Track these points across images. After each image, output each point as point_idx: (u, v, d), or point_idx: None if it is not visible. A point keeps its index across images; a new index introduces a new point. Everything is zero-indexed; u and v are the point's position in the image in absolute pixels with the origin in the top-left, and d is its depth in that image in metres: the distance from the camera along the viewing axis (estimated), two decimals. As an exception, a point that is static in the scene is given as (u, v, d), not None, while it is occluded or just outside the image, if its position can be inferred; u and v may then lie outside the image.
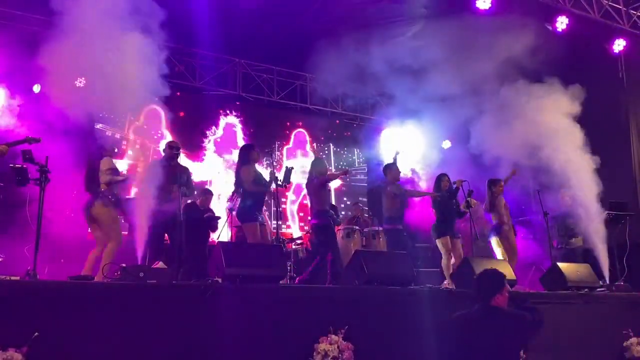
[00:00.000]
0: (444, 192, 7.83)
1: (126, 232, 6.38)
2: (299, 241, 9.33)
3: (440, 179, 7.94)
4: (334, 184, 11.70)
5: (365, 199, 12.30)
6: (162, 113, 10.58)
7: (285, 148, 12.11)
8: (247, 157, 6.90)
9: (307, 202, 8.07)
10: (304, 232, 9.77)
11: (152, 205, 6.18)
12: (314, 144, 12.45)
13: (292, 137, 12.30)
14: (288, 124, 12.24)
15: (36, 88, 8.82)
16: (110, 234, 5.83)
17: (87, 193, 6.04)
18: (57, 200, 6.00)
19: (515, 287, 6.74)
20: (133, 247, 5.53)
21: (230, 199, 7.56)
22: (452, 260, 7.58)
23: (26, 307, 3.83)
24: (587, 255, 8.06)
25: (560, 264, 7.11)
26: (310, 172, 7.41)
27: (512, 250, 7.93)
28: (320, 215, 7.17)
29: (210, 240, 8.38)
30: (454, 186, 7.78)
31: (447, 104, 9.25)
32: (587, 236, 7.93)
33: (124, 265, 4.81)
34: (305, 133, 12.41)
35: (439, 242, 7.71)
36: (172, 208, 6.29)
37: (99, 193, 5.90)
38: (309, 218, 7.81)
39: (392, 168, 7.93)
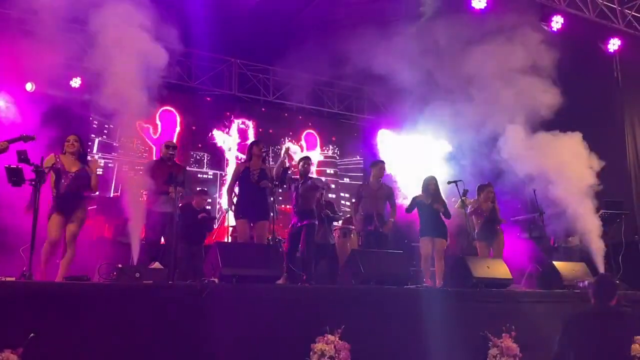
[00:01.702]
0: (431, 194, 7.75)
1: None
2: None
3: (427, 181, 7.82)
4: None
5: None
6: (176, 113, 10.67)
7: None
8: (248, 153, 6.94)
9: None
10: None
11: (148, 205, 6.18)
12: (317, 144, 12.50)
13: (303, 137, 12.35)
14: (286, 124, 12.24)
15: (29, 86, 8.79)
16: None
17: None
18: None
19: (512, 286, 6.77)
20: (129, 247, 5.52)
21: None
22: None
23: (22, 308, 3.82)
24: (583, 254, 8.09)
25: (557, 263, 7.13)
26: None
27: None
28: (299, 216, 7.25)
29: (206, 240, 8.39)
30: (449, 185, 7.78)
31: (444, 105, 9.26)
32: (583, 235, 7.95)
33: (120, 265, 4.81)
34: (314, 133, 12.46)
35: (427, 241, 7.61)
36: (168, 208, 6.28)
37: None
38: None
39: (377, 164, 7.90)
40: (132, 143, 9.03)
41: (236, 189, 6.91)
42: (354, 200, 8.63)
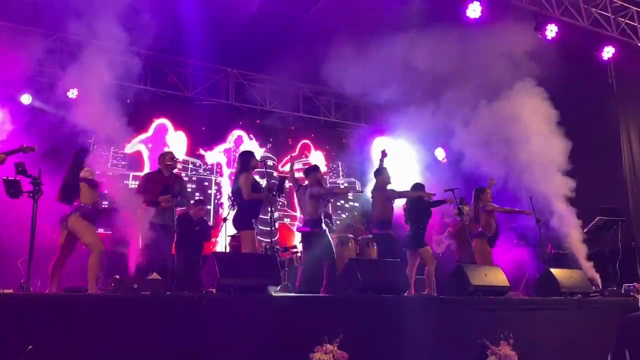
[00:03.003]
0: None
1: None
2: (293, 250, 9.33)
3: (417, 189, 7.88)
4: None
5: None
6: (170, 125, 10.70)
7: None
8: (247, 164, 6.80)
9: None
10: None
11: (146, 215, 6.19)
12: (306, 152, 12.52)
13: (298, 147, 12.37)
14: (284, 132, 12.26)
15: (25, 99, 8.80)
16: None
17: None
18: (50, 212, 5.97)
19: (509, 294, 6.78)
20: (126, 258, 5.53)
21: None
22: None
23: (20, 320, 3.82)
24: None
25: (554, 270, 7.13)
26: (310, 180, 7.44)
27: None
28: (311, 223, 7.17)
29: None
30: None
31: (440, 112, 9.31)
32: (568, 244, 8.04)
33: (117, 276, 4.81)
34: (309, 142, 12.49)
35: (422, 251, 7.72)
36: (165, 219, 6.29)
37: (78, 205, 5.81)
38: (299, 224, 7.81)
39: (382, 172, 7.95)
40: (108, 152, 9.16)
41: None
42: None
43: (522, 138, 8.19)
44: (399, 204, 8.29)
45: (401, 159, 11.42)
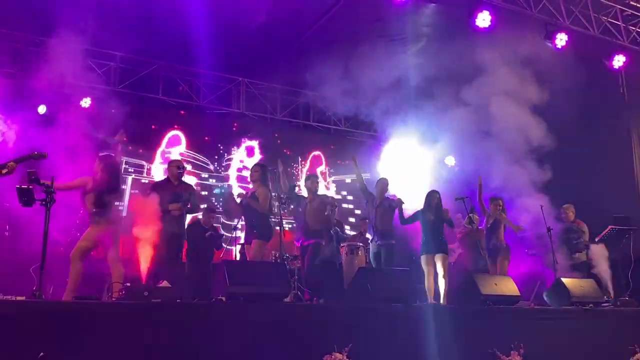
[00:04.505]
0: (433, 209, 7.77)
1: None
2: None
3: (431, 196, 7.83)
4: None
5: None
6: (183, 137, 10.78)
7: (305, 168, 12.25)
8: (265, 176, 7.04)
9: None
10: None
11: (156, 224, 6.22)
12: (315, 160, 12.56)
13: (310, 158, 12.39)
14: (293, 141, 12.29)
15: (41, 109, 8.92)
16: None
17: None
18: (62, 220, 6.02)
19: (520, 303, 6.74)
20: (137, 266, 5.56)
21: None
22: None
23: (32, 328, 3.85)
24: (591, 270, 8.05)
25: (565, 279, 7.09)
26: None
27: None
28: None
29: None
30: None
31: (449, 120, 9.31)
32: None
33: (128, 284, 4.84)
34: (321, 154, 12.50)
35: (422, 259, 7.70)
36: (174, 227, 6.32)
37: None
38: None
39: (381, 182, 7.96)
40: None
41: None
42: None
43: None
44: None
45: (410, 166, 11.44)
